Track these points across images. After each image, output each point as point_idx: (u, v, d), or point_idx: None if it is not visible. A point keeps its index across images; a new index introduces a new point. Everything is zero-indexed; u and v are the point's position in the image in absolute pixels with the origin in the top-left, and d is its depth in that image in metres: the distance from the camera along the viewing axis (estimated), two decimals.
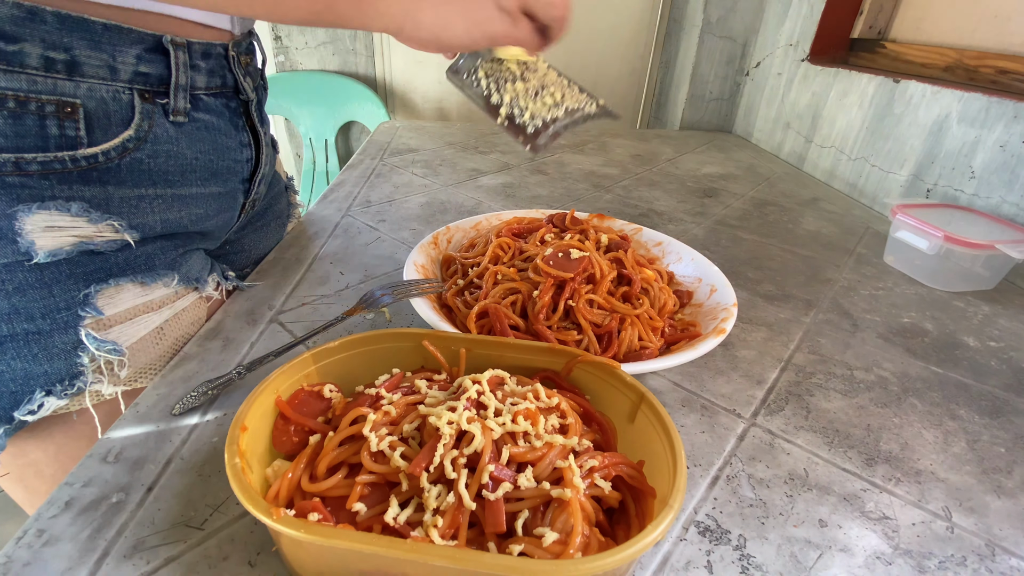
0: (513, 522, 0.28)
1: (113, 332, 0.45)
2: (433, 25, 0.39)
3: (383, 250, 0.69)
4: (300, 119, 1.73)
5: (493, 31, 0.41)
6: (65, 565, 0.30)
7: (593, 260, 0.49)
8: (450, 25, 0.39)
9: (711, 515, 0.36)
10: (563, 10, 0.43)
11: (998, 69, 0.87)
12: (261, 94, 0.57)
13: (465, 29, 0.40)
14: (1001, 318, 0.64)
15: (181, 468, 0.37)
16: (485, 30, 0.40)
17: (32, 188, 0.39)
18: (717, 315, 0.49)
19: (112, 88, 0.41)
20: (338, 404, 0.35)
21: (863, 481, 0.40)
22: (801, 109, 1.21)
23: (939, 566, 0.34)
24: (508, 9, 0.41)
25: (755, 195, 1.01)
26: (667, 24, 1.61)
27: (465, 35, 0.40)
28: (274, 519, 0.25)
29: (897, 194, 0.94)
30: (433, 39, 0.40)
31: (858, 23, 1.15)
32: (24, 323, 0.41)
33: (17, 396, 0.42)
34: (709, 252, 0.74)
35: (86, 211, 0.41)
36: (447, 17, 0.39)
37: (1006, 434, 0.46)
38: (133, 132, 0.42)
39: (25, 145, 0.37)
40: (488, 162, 1.10)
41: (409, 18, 0.38)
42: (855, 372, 0.52)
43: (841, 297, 0.66)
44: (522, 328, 0.46)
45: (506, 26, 0.41)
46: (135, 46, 0.41)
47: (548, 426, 0.31)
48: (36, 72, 0.37)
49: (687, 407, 0.46)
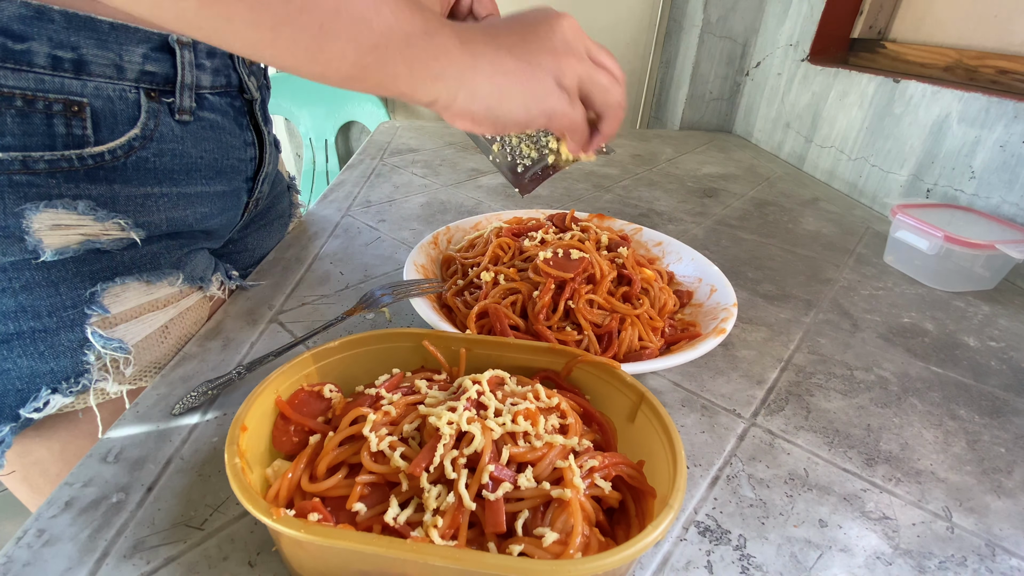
0: (513, 522, 0.28)
1: (119, 330, 0.45)
2: (489, 96, 0.34)
3: (383, 250, 0.69)
4: (300, 119, 1.73)
5: (552, 108, 0.36)
6: (65, 565, 0.30)
7: (593, 260, 0.49)
8: (508, 98, 0.34)
9: (711, 515, 0.36)
10: (620, 98, 0.38)
11: (998, 69, 0.87)
12: (264, 93, 0.57)
13: (523, 103, 0.35)
14: (1001, 318, 0.64)
15: (181, 468, 0.37)
16: (543, 106, 0.35)
17: (39, 186, 0.39)
18: (717, 315, 0.49)
19: (119, 87, 0.41)
20: (338, 404, 0.35)
21: (863, 481, 0.40)
22: (801, 109, 1.21)
23: (939, 566, 0.34)
24: (567, 87, 0.36)
25: (755, 195, 1.01)
26: (667, 24, 1.61)
27: (523, 109, 0.35)
28: (274, 519, 0.25)
29: (897, 194, 0.94)
30: (488, 113, 0.34)
31: (858, 23, 1.15)
32: (31, 321, 0.41)
33: (23, 394, 0.43)
34: (709, 252, 0.74)
35: (92, 209, 0.41)
36: (505, 89, 0.34)
37: (1006, 434, 0.46)
38: (139, 131, 0.42)
39: (32, 144, 0.38)
40: (488, 162, 1.10)
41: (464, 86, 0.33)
42: (855, 372, 0.52)
43: (841, 297, 0.66)
44: (522, 328, 0.46)
45: (564, 104, 0.36)
46: (141, 45, 0.41)
47: (548, 426, 0.31)
48: (43, 71, 0.37)
49: (687, 407, 0.46)
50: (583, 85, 0.37)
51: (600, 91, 0.37)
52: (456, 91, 0.33)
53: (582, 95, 0.37)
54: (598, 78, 0.37)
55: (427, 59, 0.31)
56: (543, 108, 0.35)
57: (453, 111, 0.34)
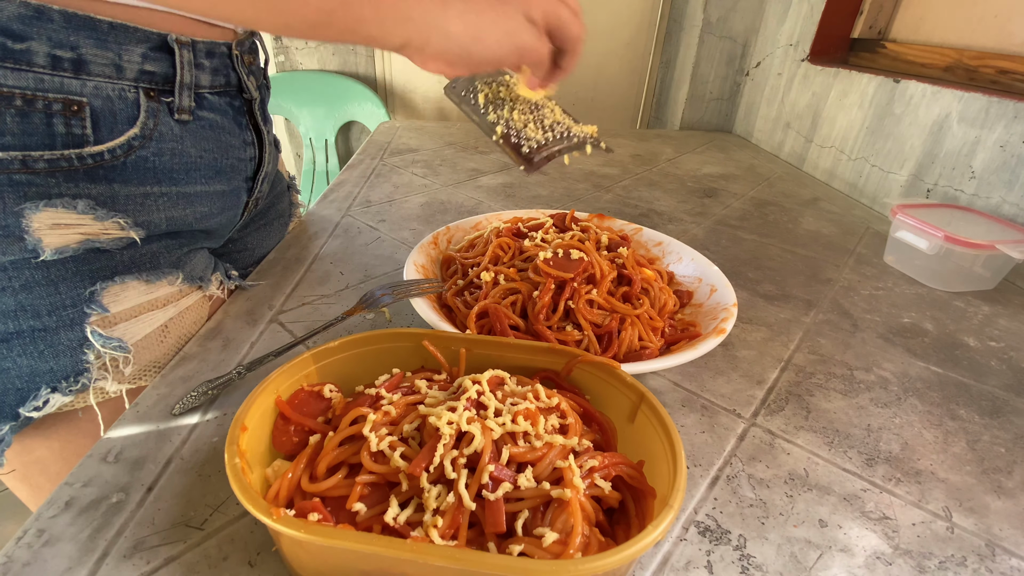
0: (513, 522, 0.28)
1: (118, 329, 0.45)
2: (463, 35, 0.34)
3: (383, 250, 0.69)
4: (300, 119, 1.73)
5: (523, 42, 0.37)
6: (65, 565, 0.30)
7: (593, 260, 0.49)
8: (481, 36, 0.35)
9: (711, 515, 0.36)
10: (580, 32, 0.40)
11: (998, 69, 0.87)
12: (264, 93, 0.57)
13: (497, 40, 0.35)
14: (1001, 318, 0.64)
15: (181, 468, 0.37)
16: (515, 41, 0.36)
17: (39, 186, 0.39)
18: (717, 315, 0.49)
19: (118, 86, 0.41)
20: (338, 404, 0.35)
21: (863, 481, 0.40)
22: (801, 109, 1.21)
23: (939, 566, 0.34)
24: (536, 20, 0.37)
25: (755, 195, 1.01)
26: (667, 24, 1.61)
27: (496, 46, 0.35)
28: (274, 519, 0.25)
29: (897, 194, 0.94)
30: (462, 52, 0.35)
31: (858, 23, 1.15)
32: (30, 320, 0.41)
33: (23, 393, 0.43)
34: (709, 252, 0.74)
35: (92, 209, 0.41)
36: (478, 27, 0.34)
37: (1006, 434, 0.46)
38: (138, 130, 0.42)
39: (32, 143, 0.38)
40: (488, 162, 1.10)
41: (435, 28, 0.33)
42: (855, 372, 0.52)
43: (841, 297, 0.66)
44: (522, 328, 0.46)
45: (534, 39, 0.37)
46: (141, 45, 0.41)
47: (548, 426, 0.31)
48: (43, 70, 0.37)
49: (687, 407, 0.46)
50: (548, 19, 0.38)
51: (564, 24, 0.38)
52: (428, 32, 0.33)
53: (547, 29, 0.38)
54: (561, 12, 0.38)
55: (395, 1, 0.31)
56: (515, 43, 0.36)
57: (426, 53, 0.34)
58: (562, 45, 0.40)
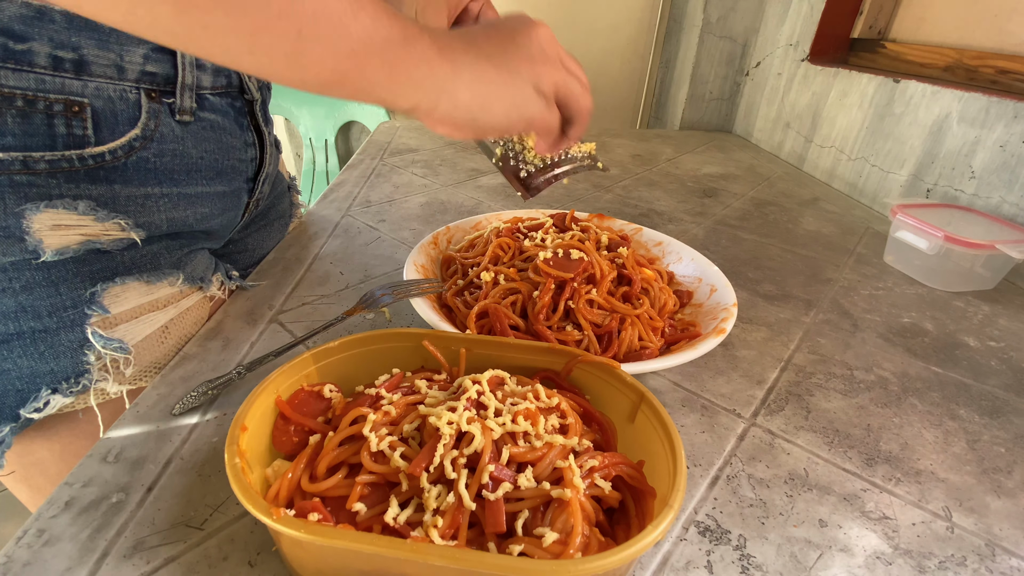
0: (513, 522, 0.28)
1: (119, 330, 0.45)
2: (471, 104, 0.34)
3: (383, 250, 0.69)
4: (300, 119, 1.74)
5: (531, 114, 0.37)
6: (65, 565, 0.30)
7: (593, 260, 0.49)
8: (489, 105, 0.35)
9: (711, 515, 0.36)
10: (589, 104, 0.40)
11: (998, 69, 0.87)
12: (265, 94, 0.57)
13: (504, 111, 0.36)
14: (1001, 318, 0.64)
15: (181, 468, 0.37)
16: (523, 113, 0.36)
17: (39, 187, 0.39)
18: (717, 315, 0.49)
19: (119, 87, 0.41)
20: (338, 404, 0.35)
21: (863, 481, 0.40)
22: (801, 109, 1.21)
23: (939, 566, 0.34)
24: (545, 93, 0.37)
25: (755, 195, 1.01)
26: (667, 24, 1.61)
27: (504, 117, 0.36)
28: (274, 519, 0.25)
29: (897, 194, 0.94)
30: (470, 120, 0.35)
31: (858, 23, 1.15)
32: (31, 321, 0.41)
33: (23, 394, 0.43)
34: (709, 252, 0.74)
35: (93, 210, 0.41)
36: (486, 97, 0.35)
37: (1006, 434, 0.46)
38: (140, 131, 0.42)
39: (33, 144, 0.38)
40: (488, 162, 1.10)
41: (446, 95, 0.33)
42: (855, 372, 0.52)
43: (841, 297, 0.66)
44: (522, 328, 0.46)
45: (543, 110, 0.37)
46: (142, 45, 0.41)
47: (548, 426, 0.31)
48: (44, 71, 0.37)
49: (687, 407, 0.46)
50: (559, 91, 0.38)
51: (574, 97, 0.39)
52: (437, 99, 0.33)
53: (557, 100, 0.39)
54: (572, 85, 0.38)
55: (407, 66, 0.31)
56: (523, 114, 0.37)
57: (434, 118, 0.34)
58: (570, 117, 0.40)
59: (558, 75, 0.37)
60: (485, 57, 0.35)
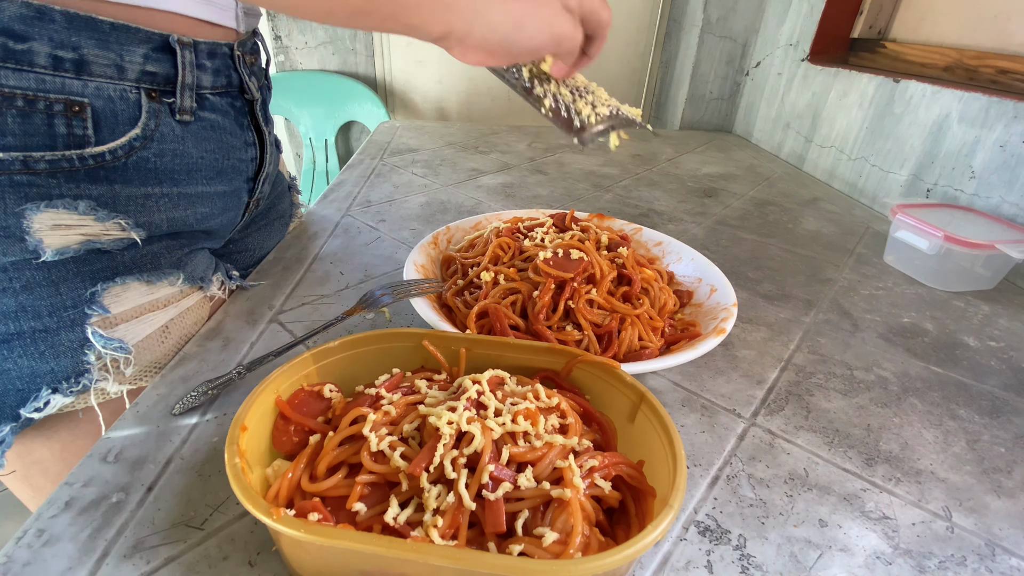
0: (513, 522, 0.28)
1: (119, 330, 0.45)
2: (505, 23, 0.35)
3: (383, 250, 0.69)
4: (300, 119, 1.73)
5: (561, 31, 0.37)
6: (65, 565, 0.30)
7: (593, 260, 0.49)
8: (522, 24, 0.35)
9: (711, 515, 0.36)
10: (610, 18, 0.41)
11: (998, 69, 0.87)
12: (265, 94, 0.57)
13: (537, 28, 0.36)
14: (1001, 318, 0.64)
15: (181, 468, 0.37)
16: (554, 30, 0.37)
17: (40, 187, 0.39)
18: (717, 315, 0.49)
19: (119, 87, 0.41)
20: (338, 404, 0.35)
21: (863, 481, 0.40)
22: (801, 109, 1.21)
23: (939, 566, 0.34)
24: (571, 8, 0.38)
25: (755, 195, 1.01)
26: (667, 24, 1.61)
27: (537, 34, 0.36)
28: (274, 519, 0.25)
29: (897, 194, 0.94)
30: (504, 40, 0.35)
31: (858, 23, 1.15)
32: (31, 321, 0.41)
33: (24, 394, 0.43)
34: (709, 252, 0.74)
35: (93, 209, 0.41)
36: (519, 15, 0.35)
37: (1006, 434, 0.46)
38: (140, 131, 0.42)
39: (33, 144, 0.38)
40: (488, 162, 1.10)
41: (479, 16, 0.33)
42: (855, 372, 0.52)
43: (841, 297, 0.66)
44: (522, 328, 0.46)
45: (571, 27, 0.38)
46: (142, 45, 0.41)
47: (548, 426, 0.31)
48: (44, 71, 0.37)
49: (687, 407, 0.46)
50: (583, 6, 0.38)
51: (595, 12, 0.39)
52: (471, 20, 0.33)
53: (581, 16, 0.39)
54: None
55: None
56: (553, 32, 0.37)
57: (468, 43, 0.34)
58: (592, 32, 0.40)
59: None
60: None
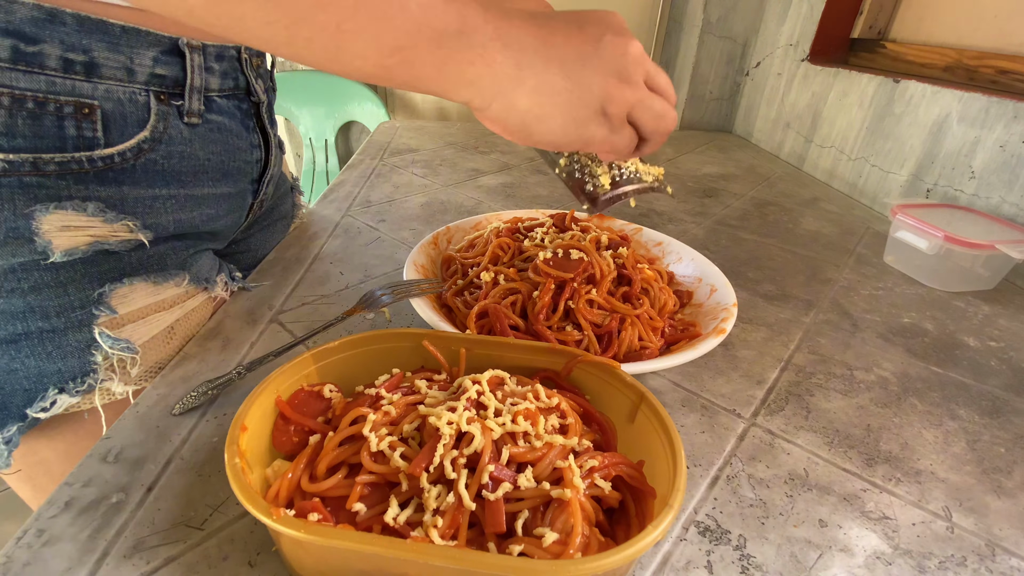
0: (513, 522, 0.28)
1: (126, 331, 0.45)
2: (528, 112, 0.32)
3: (383, 250, 0.69)
4: (300, 119, 1.73)
5: (591, 135, 0.34)
6: (65, 565, 0.30)
7: (593, 260, 0.49)
8: (547, 117, 0.32)
9: (711, 515, 0.36)
10: (670, 125, 0.37)
11: (998, 69, 0.87)
12: (271, 96, 0.57)
13: (562, 126, 0.33)
14: (1001, 318, 0.64)
15: (181, 468, 0.37)
16: (583, 133, 0.34)
17: (49, 188, 0.39)
18: (717, 315, 0.49)
19: (129, 90, 0.41)
20: (338, 404, 0.35)
21: (863, 481, 0.40)
22: (801, 109, 1.21)
23: (939, 566, 0.34)
24: (612, 116, 0.34)
25: (755, 195, 1.01)
26: (667, 24, 1.61)
27: (560, 132, 0.33)
28: (274, 519, 0.25)
29: (897, 194, 0.94)
30: (522, 127, 0.33)
31: (858, 23, 1.15)
32: (39, 321, 0.41)
33: (31, 394, 0.43)
34: (709, 252, 0.74)
35: (102, 211, 0.41)
36: (545, 108, 0.32)
37: (1006, 434, 0.46)
38: (148, 133, 0.42)
39: (43, 145, 0.38)
40: (488, 162, 1.10)
41: (502, 97, 0.31)
42: (855, 372, 0.52)
43: (841, 297, 0.66)
44: (522, 328, 0.46)
45: (604, 132, 0.34)
46: (152, 48, 0.41)
47: (548, 426, 0.31)
48: (55, 73, 0.37)
49: (687, 407, 0.46)
50: (633, 112, 0.35)
51: (651, 119, 0.36)
52: (491, 99, 0.31)
53: (631, 120, 0.36)
54: (652, 105, 0.35)
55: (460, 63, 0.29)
56: (581, 134, 0.34)
57: (485, 115, 0.33)
58: (647, 136, 0.37)
59: (635, 96, 0.34)
60: (557, 62, 0.32)
